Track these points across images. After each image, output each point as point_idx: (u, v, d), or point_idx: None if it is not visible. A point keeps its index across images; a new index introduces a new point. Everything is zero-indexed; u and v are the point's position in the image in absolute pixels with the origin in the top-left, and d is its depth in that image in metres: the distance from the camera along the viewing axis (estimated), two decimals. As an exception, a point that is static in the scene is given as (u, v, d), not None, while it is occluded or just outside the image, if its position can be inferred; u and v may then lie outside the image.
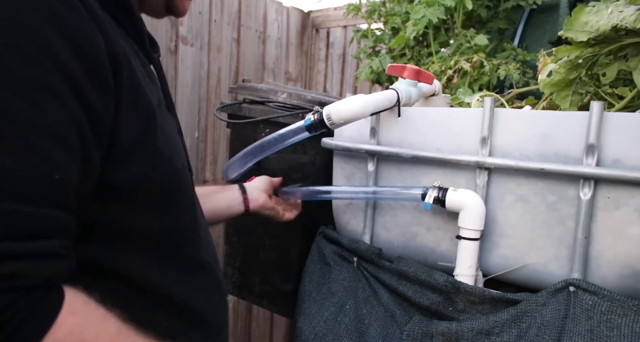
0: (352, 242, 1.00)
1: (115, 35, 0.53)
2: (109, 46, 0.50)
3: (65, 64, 0.46)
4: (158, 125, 0.58)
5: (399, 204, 0.96)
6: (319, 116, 0.85)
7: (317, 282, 1.04)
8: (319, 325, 0.98)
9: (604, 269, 0.74)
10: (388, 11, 1.58)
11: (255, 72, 2.37)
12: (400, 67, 0.96)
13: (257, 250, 1.26)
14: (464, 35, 1.30)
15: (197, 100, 2.11)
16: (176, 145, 0.65)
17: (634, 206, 0.71)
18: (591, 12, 0.79)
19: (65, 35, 0.46)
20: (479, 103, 1.02)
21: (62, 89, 0.45)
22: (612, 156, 0.72)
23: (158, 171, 0.58)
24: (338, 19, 2.53)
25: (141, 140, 0.55)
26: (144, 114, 0.56)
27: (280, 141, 0.91)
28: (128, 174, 0.54)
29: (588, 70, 0.87)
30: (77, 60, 0.46)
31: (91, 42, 0.48)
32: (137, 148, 0.54)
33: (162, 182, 0.59)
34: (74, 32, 0.47)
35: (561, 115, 0.77)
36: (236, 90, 1.32)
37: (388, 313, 0.93)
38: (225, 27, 2.19)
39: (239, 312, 2.47)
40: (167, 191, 0.60)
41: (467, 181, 0.86)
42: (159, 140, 0.58)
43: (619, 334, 0.69)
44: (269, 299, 1.26)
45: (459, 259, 0.84)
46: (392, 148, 0.93)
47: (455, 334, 0.81)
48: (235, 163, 1.01)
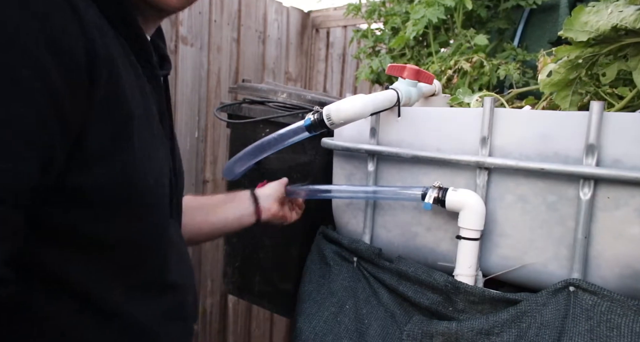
0: (352, 242, 1.00)
1: (105, 40, 0.52)
2: (90, 46, 0.49)
3: (38, 57, 0.44)
4: (135, 136, 0.55)
5: (399, 204, 0.96)
6: (319, 116, 0.85)
7: (317, 282, 1.04)
8: (319, 325, 0.98)
9: (604, 269, 0.74)
10: (388, 11, 1.58)
11: (255, 72, 2.37)
12: (400, 67, 0.96)
13: (257, 250, 1.26)
14: (464, 35, 1.30)
15: (197, 100, 2.11)
16: (155, 160, 0.61)
17: (634, 206, 0.71)
18: (591, 12, 0.79)
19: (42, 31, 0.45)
20: (478, 103, 1.02)
21: (32, 82, 0.44)
22: (612, 156, 0.72)
23: (125, 182, 0.55)
24: (338, 18, 2.53)
25: (112, 147, 0.53)
26: (120, 121, 0.53)
27: (280, 141, 0.91)
28: (91, 180, 0.51)
29: (588, 70, 0.87)
30: (51, 55, 0.45)
31: (70, 40, 0.47)
32: (105, 154, 0.52)
33: (129, 194, 0.56)
34: (54, 30, 0.46)
35: (561, 115, 0.77)
36: (236, 90, 1.32)
37: (388, 313, 0.93)
38: (225, 27, 2.19)
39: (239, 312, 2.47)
40: (132, 204, 0.57)
41: (467, 180, 0.86)
42: (135, 151, 0.55)
43: (618, 334, 0.69)
44: (269, 299, 1.26)
45: (459, 259, 0.84)
46: (392, 148, 0.93)
47: (455, 334, 0.81)
48: (236, 163, 1.01)
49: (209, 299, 2.34)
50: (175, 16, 1.98)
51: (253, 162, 1.00)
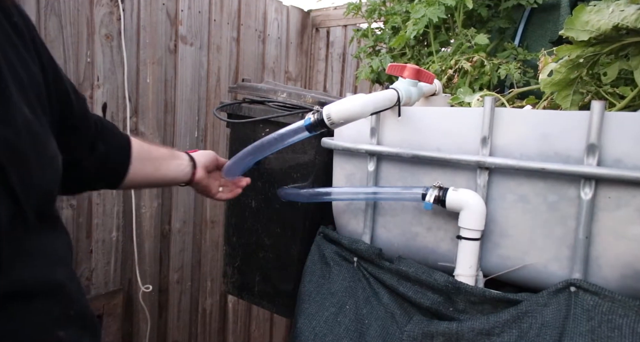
0: (352, 242, 1.00)
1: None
2: None
3: None
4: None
5: (399, 204, 0.95)
6: (319, 116, 0.85)
7: (317, 282, 1.04)
8: (319, 325, 0.98)
9: (605, 269, 0.74)
10: (388, 10, 1.58)
11: (255, 72, 2.37)
12: (401, 67, 0.96)
13: (257, 250, 1.26)
14: (465, 35, 1.30)
15: (196, 99, 2.11)
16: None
17: (635, 206, 0.70)
18: (592, 11, 0.78)
19: None
20: (479, 103, 1.02)
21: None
22: (613, 156, 0.71)
23: None
24: (338, 18, 2.53)
25: None
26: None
27: (280, 141, 0.91)
28: None
29: (589, 70, 0.86)
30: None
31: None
32: None
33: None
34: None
35: (562, 115, 0.77)
36: (236, 90, 1.32)
37: (388, 313, 0.93)
38: (224, 26, 2.19)
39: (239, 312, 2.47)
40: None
41: (468, 180, 0.85)
42: None
43: (620, 335, 0.68)
44: (269, 299, 1.26)
45: (459, 259, 0.83)
46: (392, 148, 0.93)
47: (455, 335, 0.81)
48: (236, 163, 1.01)
49: (209, 299, 2.34)
50: (175, 15, 1.97)
51: (253, 161, 1.00)
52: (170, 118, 2.02)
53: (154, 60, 1.92)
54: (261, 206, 1.23)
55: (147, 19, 1.88)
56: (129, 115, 1.85)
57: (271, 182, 1.20)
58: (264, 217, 1.23)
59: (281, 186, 1.12)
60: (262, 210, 1.23)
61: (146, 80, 1.91)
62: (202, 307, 2.31)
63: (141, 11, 1.86)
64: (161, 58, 1.95)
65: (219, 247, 2.34)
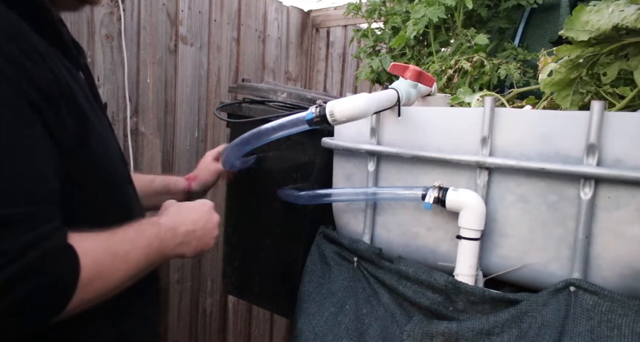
0: (352, 242, 1.00)
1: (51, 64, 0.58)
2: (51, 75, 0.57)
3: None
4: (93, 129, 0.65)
5: (399, 204, 0.95)
6: (322, 111, 0.84)
7: (317, 282, 1.04)
8: (319, 325, 0.98)
9: (605, 269, 0.74)
10: (388, 10, 1.58)
11: (255, 72, 2.37)
12: (403, 67, 0.95)
13: (257, 250, 1.26)
14: (465, 35, 1.30)
15: (196, 99, 2.11)
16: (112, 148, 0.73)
17: (635, 206, 0.70)
18: (592, 11, 0.78)
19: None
20: (479, 103, 1.02)
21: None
22: (612, 156, 0.71)
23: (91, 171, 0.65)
24: (338, 18, 2.53)
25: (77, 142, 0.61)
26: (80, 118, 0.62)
27: (278, 130, 0.89)
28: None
29: (589, 70, 0.86)
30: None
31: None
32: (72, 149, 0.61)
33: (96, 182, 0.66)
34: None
35: (562, 115, 0.77)
36: (236, 90, 1.32)
37: (388, 313, 0.93)
38: (225, 26, 2.19)
39: (239, 312, 2.47)
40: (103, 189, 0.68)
41: (468, 180, 0.86)
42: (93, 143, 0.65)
43: (619, 334, 0.68)
44: (269, 299, 1.26)
45: (459, 259, 0.83)
46: (392, 148, 0.93)
47: (455, 334, 0.81)
48: (232, 150, 1.00)
49: (209, 299, 2.33)
50: (175, 16, 1.98)
51: (249, 149, 0.98)
52: (170, 118, 2.02)
53: (154, 60, 1.92)
54: (261, 206, 1.23)
55: (147, 19, 1.88)
56: (129, 115, 1.85)
57: (271, 182, 1.19)
58: (264, 217, 1.23)
59: (281, 186, 1.12)
60: (262, 210, 1.23)
61: (146, 80, 1.91)
62: (202, 307, 2.31)
63: (141, 11, 1.86)
64: (161, 58, 1.95)
65: (219, 247, 2.33)
